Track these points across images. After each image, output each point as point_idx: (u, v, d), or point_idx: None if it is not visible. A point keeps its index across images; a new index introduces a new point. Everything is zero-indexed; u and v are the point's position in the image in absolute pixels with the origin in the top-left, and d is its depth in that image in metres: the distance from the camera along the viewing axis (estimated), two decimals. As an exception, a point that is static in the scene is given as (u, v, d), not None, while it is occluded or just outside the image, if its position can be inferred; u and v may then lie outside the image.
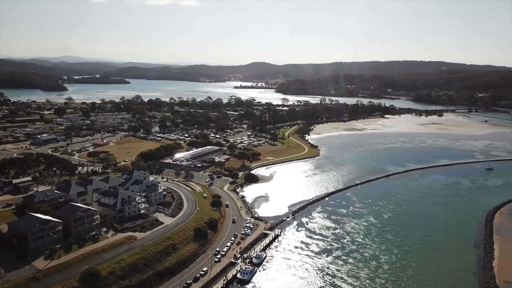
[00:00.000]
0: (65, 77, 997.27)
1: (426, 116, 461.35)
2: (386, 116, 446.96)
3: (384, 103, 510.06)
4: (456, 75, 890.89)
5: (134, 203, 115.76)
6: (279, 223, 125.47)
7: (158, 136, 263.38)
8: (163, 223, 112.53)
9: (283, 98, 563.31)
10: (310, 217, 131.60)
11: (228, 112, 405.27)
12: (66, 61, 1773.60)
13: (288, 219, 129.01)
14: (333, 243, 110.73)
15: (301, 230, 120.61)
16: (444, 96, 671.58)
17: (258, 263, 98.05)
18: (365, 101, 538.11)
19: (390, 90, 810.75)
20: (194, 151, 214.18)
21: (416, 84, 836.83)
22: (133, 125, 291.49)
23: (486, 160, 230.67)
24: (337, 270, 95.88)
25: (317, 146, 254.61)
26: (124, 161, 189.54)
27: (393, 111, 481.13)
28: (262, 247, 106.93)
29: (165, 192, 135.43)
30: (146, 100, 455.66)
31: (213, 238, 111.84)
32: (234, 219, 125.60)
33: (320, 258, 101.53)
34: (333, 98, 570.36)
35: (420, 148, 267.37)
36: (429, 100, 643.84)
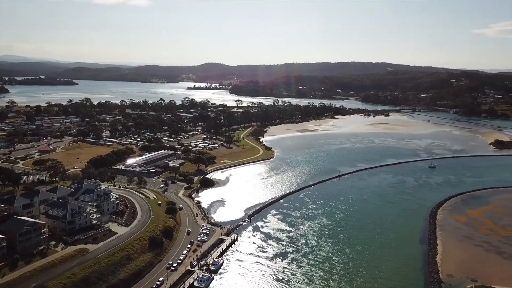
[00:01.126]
0: (6, 78, 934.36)
1: (374, 116, 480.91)
2: (336, 116, 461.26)
3: (335, 104, 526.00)
4: (401, 76, 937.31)
5: (85, 214, 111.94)
6: (236, 227, 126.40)
7: (109, 141, 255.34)
8: (116, 233, 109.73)
9: (237, 100, 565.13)
10: (266, 220, 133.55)
11: (181, 114, 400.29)
12: (7, 60, 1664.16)
13: (244, 223, 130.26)
14: (288, 246, 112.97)
15: (257, 234, 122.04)
16: (390, 96, 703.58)
17: (215, 270, 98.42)
18: (317, 102, 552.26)
19: (340, 90, 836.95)
20: (147, 156, 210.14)
21: (365, 85, 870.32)
22: (82, 129, 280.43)
23: (429, 158, 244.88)
24: (292, 274, 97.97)
25: (271, 148, 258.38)
26: (73, 168, 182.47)
27: (343, 111, 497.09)
28: (219, 253, 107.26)
29: (118, 201, 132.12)
30: (95, 102, 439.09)
31: (168, 246, 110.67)
32: (190, 227, 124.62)
33: (275, 263, 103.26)
34: (286, 100, 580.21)
35: (369, 148, 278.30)
36: (377, 100, 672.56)
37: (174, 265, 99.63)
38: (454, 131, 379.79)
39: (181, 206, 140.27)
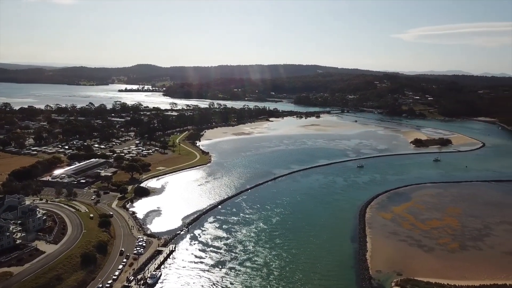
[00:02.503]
0: None
1: (306, 118, 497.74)
2: (271, 119, 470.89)
3: (269, 107, 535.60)
4: (330, 78, 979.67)
5: (8, 234, 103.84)
6: (173, 237, 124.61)
7: (33, 150, 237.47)
8: (44, 252, 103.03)
9: (171, 103, 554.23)
10: (203, 228, 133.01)
11: (113, 119, 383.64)
12: None
13: (182, 233, 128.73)
14: (226, 254, 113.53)
15: (195, 243, 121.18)
16: (321, 98, 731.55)
17: (153, 283, 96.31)
18: (251, 104, 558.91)
19: (273, 93, 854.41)
20: (77, 165, 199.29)
21: (297, 87, 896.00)
22: (2, 138, 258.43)
23: (357, 158, 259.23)
24: (230, 283, 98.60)
25: (208, 153, 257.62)
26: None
27: (277, 114, 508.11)
28: (156, 266, 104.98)
29: (45, 217, 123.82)
30: (16, 108, 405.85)
31: (103, 262, 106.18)
32: (125, 239, 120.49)
33: (214, 272, 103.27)
34: (221, 102, 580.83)
35: (302, 149, 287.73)
36: (308, 102, 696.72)
37: (109, 281, 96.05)
38: (379, 130, 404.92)
39: (114, 217, 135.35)
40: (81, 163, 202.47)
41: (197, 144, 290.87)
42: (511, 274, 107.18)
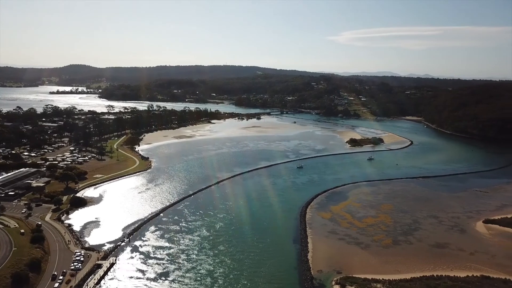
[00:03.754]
0: None
1: (247, 120, 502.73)
2: (212, 121, 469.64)
3: (210, 109, 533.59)
4: (270, 80, 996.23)
5: None
6: (113, 250, 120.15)
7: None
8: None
9: (108, 105, 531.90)
10: (145, 238, 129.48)
11: (44, 124, 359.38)
12: None
13: (122, 244, 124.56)
14: (169, 265, 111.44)
15: (136, 254, 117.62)
16: (261, 99, 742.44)
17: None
18: (192, 106, 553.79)
19: (214, 94, 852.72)
20: (4, 176, 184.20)
21: (237, 88, 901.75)
22: None
23: (296, 159, 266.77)
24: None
25: (148, 158, 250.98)
26: None
27: (218, 115, 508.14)
28: (96, 281, 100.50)
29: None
30: None
31: (36, 281, 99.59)
32: (61, 255, 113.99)
33: (157, 284, 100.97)
34: (161, 104, 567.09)
35: (244, 151, 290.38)
36: (249, 104, 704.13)
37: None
38: (317, 131, 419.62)
39: (48, 231, 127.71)
40: (9, 174, 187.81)
41: (136, 149, 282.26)
42: (437, 265, 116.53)
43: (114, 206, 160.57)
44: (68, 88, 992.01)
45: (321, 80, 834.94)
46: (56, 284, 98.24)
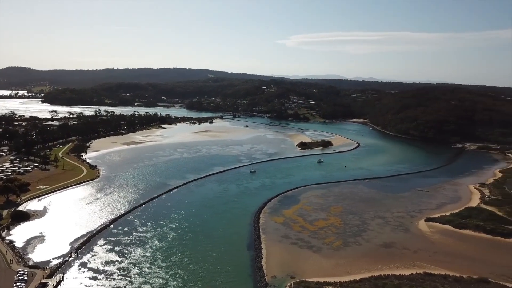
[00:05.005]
0: None
1: (199, 124, 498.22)
2: (163, 126, 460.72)
3: (161, 113, 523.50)
4: (221, 83, 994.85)
5: None
6: (60, 266, 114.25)
7: None
8: None
9: (52, 110, 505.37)
10: (93, 252, 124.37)
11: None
12: None
13: (70, 259, 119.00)
14: (120, 280, 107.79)
15: (85, 270, 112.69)
16: (213, 103, 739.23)
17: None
18: (142, 110, 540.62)
19: (164, 98, 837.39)
20: None
21: (188, 92, 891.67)
22: None
23: (249, 163, 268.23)
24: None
25: (96, 166, 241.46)
26: None
27: (169, 120, 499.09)
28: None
29: None
30: None
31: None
32: (2, 274, 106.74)
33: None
34: (109, 109, 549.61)
35: (197, 157, 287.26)
36: (200, 107, 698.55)
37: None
38: (268, 135, 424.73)
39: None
40: None
41: (84, 157, 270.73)
42: (384, 264, 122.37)
43: (60, 219, 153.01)
44: (6, 92, 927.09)
45: (271, 83, 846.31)
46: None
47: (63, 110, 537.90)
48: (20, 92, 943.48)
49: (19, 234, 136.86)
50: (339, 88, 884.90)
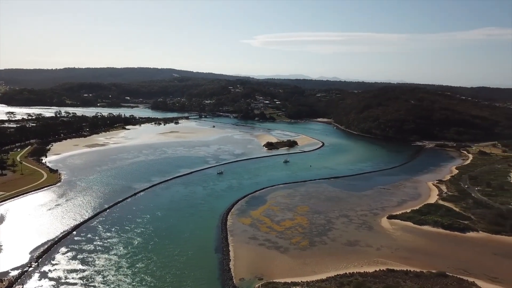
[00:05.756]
0: None
1: (165, 124, 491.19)
2: (127, 127, 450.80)
3: (125, 113, 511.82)
4: (187, 83, 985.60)
5: None
6: (20, 276, 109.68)
7: None
8: None
9: (8, 112, 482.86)
10: (55, 261, 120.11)
11: None
12: None
13: (30, 269, 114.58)
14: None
15: (46, 280, 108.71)
16: (178, 103, 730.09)
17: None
18: (105, 111, 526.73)
19: (128, 98, 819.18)
20: None
21: (153, 92, 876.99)
22: None
23: (216, 165, 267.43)
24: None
25: (57, 170, 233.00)
26: None
27: (134, 121, 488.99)
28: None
29: None
30: None
31: None
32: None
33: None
34: (70, 110, 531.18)
35: (163, 159, 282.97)
36: (166, 108, 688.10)
37: None
38: (235, 135, 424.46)
39: None
40: None
41: (44, 161, 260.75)
42: (349, 263, 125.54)
43: (19, 226, 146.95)
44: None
45: (237, 83, 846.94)
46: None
47: (21, 112, 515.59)
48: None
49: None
50: (304, 88, 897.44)
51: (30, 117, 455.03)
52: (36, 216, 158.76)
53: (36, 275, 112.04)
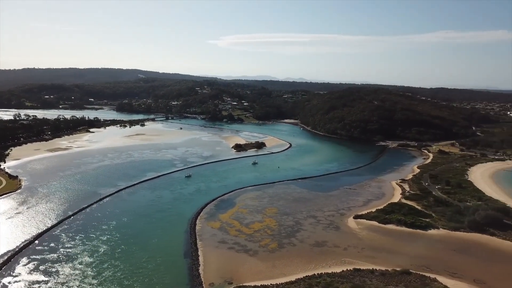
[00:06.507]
0: None
1: (130, 127, 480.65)
2: (91, 130, 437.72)
3: (88, 116, 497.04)
4: (152, 84, 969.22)
5: None
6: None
7: None
8: None
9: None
10: (15, 273, 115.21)
11: None
12: None
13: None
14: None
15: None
16: (144, 104, 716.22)
17: None
18: (68, 113, 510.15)
19: (92, 99, 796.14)
20: None
21: (118, 93, 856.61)
22: None
23: (184, 168, 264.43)
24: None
25: (17, 176, 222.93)
26: None
27: (98, 123, 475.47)
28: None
29: None
30: None
31: None
32: None
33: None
34: (30, 112, 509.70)
35: (129, 163, 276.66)
36: (131, 109, 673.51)
37: None
38: (203, 137, 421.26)
39: None
40: None
41: (2, 167, 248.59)
42: (318, 263, 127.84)
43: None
44: None
45: (205, 84, 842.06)
46: None
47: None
48: None
49: None
50: (271, 89, 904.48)
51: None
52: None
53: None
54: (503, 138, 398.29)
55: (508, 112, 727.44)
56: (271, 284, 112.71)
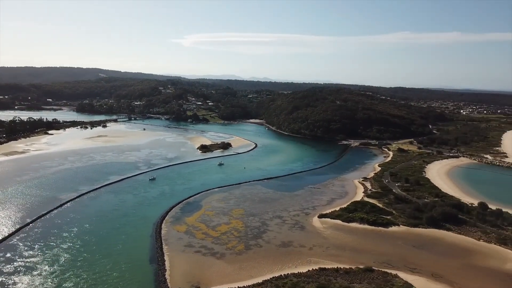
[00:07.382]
0: None
1: (91, 128, 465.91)
2: (50, 132, 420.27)
3: (47, 118, 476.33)
4: (114, 84, 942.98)
5: None
6: None
7: None
8: None
9: None
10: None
11: None
12: None
13: None
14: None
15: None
16: (106, 105, 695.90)
17: None
18: (24, 115, 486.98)
19: (51, 100, 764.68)
20: None
21: (78, 93, 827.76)
22: None
23: (148, 170, 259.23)
24: None
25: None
26: None
27: (57, 125, 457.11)
28: None
29: None
30: None
31: None
32: None
33: None
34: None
35: (90, 166, 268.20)
36: (92, 110, 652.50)
37: None
38: (167, 138, 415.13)
39: None
40: None
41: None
42: (284, 264, 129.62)
43: None
44: None
45: (168, 84, 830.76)
46: None
47: None
48: None
49: None
50: (236, 88, 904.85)
51: None
52: None
53: None
54: (457, 136, 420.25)
55: (461, 111, 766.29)
56: (238, 286, 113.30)
